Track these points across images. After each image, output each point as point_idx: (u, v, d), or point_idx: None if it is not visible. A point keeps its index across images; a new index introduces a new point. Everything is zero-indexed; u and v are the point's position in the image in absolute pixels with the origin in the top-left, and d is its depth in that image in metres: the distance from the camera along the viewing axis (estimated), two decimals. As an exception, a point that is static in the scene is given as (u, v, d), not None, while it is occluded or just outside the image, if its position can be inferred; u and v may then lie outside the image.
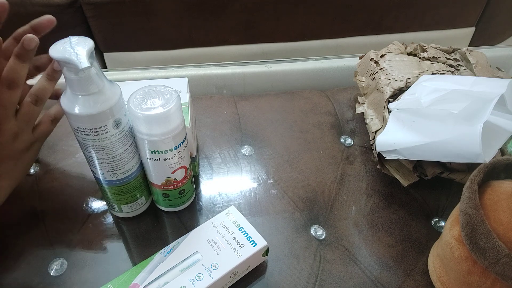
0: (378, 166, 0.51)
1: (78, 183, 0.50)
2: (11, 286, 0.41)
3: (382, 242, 0.45)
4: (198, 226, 0.42)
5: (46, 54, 0.33)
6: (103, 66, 1.22)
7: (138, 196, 0.44)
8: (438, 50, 0.59)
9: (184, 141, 0.41)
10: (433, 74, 0.53)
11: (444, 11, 1.23)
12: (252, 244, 0.41)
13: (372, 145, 0.52)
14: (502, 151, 0.47)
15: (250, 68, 0.67)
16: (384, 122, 0.50)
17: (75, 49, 0.33)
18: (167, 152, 0.40)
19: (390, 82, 0.53)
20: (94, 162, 0.40)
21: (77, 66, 0.32)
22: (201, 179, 0.51)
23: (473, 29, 1.32)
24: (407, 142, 0.45)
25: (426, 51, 0.58)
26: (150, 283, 0.38)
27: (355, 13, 1.18)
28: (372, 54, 0.59)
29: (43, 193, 0.49)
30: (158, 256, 0.40)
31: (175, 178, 0.43)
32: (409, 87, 0.51)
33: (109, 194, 0.43)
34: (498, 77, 0.55)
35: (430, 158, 0.44)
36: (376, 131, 0.52)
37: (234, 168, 0.53)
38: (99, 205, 0.48)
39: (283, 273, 0.42)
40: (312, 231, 0.46)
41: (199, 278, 0.38)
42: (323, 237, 0.46)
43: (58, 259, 0.43)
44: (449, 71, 0.54)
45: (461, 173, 0.47)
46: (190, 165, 0.44)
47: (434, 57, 0.57)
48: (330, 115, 0.61)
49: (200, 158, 0.54)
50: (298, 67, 0.68)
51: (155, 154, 0.40)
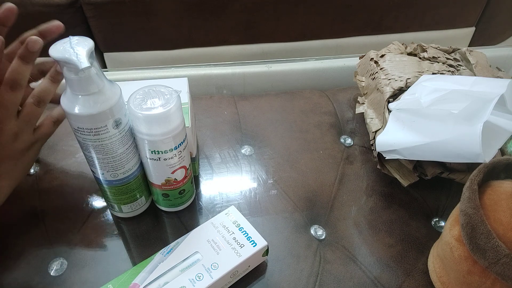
0: (378, 166, 0.51)
1: (78, 183, 0.50)
2: (11, 286, 0.41)
3: (382, 242, 0.45)
4: (198, 226, 0.42)
5: (52, 59, 0.33)
6: (103, 66, 1.22)
7: (138, 196, 0.44)
8: (438, 50, 0.59)
9: (184, 141, 0.41)
10: (433, 74, 0.53)
11: (444, 11, 1.23)
12: (252, 244, 0.41)
13: (372, 145, 0.52)
14: (502, 151, 0.47)
15: (250, 68, 0.67)
16: (384, 122, 0.50)
17: (75, 49, 0.33)
18: (167, 152, 0.40)
19: (390, 82, 0.53)
20: (94, 162, 0.40)
21: (77, 66, 0.32)
22: (201, 179, 0.51)
23: (473, 29, 1.32)
24: (407, 142, 0.45)
25: (426, 51, 0.58)
26: (150, 283, 0.38)
27: (355, 13, 1.18)
28: (372, 54, 0.59)
29: (43, 193, 0.49)
30: (158, 256, 0.40)
31: (175, 178, 0.43)
32: (409, 87, 0.51)
33: (109, 194, 0.43)
34: (498, 77, 0.55)
35: (430, 158, 0.44)
36: (376, 131, 0.52)
37: (234, 168, 0.53)
38: (99, 205, 0.48)
39: (283, 273, 0.42)
40: (312, 231, 0.46)
41: (199, 278, 0.38)
42: (323, 237, 0.46)
43: (58, 259, 0.43)
44: (449, 71, 0.54)
45: (461, 173, 0.47)
46: (190, 165, 0.44)
47: (434, 57, 0.57)
48: (330, 115, 0.61)
49: (200, 158, 0.54)
50: (298, 67, 0.68)
51: (155, 154, 0.40)
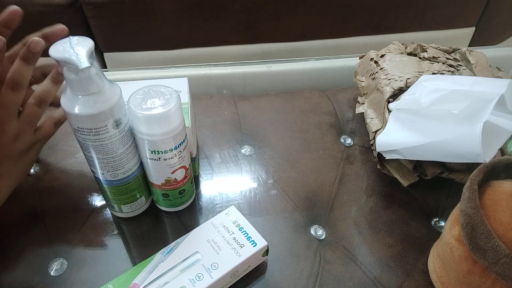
0: (378, 166, 0.51)
1: (78, 183, 0.50)
2: (11, 286, 0.41)
3: (382, 242, 0.45)
4: (198, 226, 0.42)
5: (54, 61, 0.33)
6: (103, 66, 1.22)
7: (138, 196, 0.45)
8: (438, 50, 0.59)
9: (184, 141, 0.41)
10: (433, 74, 0.53)
11: (444, 11, 1.23)
12: (252, 244, 0.41)
13: (372, 145, 0.52)
14: (502, 151, 0.47)
15: (250, 68, 0.67)
16: (384, 122, 0.50)
17: (75, 49, 0.33)
18: (167, 152, 0.40)
19: (390, 82, 0.53)
20: (94, 162, 0.40)
21: (77, 66, 0.32)
22: (201, 179, 0.51)
23: (473, 29, 1.32)
24: (407, 142, 0.45)
25: (426, 51, 0.58)
26: (150, 283, 0.38)
27: (355, 13, 1.18)
28: (372, 54, 0.59)
29: (43, 193, 0.49)
30: (158, 256, 0.40)
31: (175, 178, 0.43)
32: (409, 87, 0.51)
33: (109, 194, 0.43)
34: (498, 77, 0.55)
35: (430, 158, 0.44)
36: (376, 131, 0.52)
37: (234, 168, 0.53)
38: (99, 205, 0.48)
39: (283, 273, 0.42)
40: (312, 231, 0.46)
41: (199, 278, 0.38)
42: (323, 237, 0.46)
43: (58, 259, 0.43)
44: (449, 71, 0.54)
45: (461, 173, 0.47)
46: (190, 165, 0.44)
47: (434, 57, 0.57)
48: (330, 115, 0.61)
49: (200, 158, 0.54)
50: (298, 67, 0.68)
51: (155, 154, 0.40)
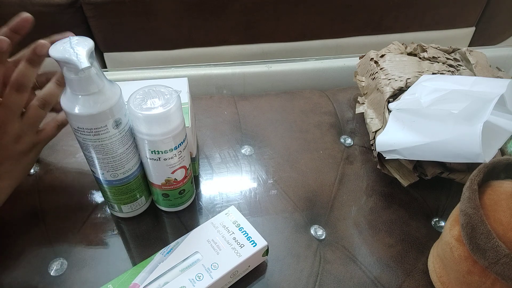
0: (378, 166, 0.51)
1: (78, 183, 0.50)
2: (11, 286, 0.41)
3: (382, 242, 0.45)
4: (198, 226, 0.42)
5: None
6: (103, 66, 1.22)
7: (138, 196, 0.44)
8: (438, 50, 0.59)
9: (184, 141, 0.41)
10: (433, 74, 0.53)
11: (444, 11, 1.23)
12: (252, 244, 0.41)
13: (372, 145, 0.52)
14: (502, 151, 0.47)
15: (250, 68, 0.67)
16: (384, 122, 0.50)
17: (75, 49, 0.33)
18: (167, 152, 0.40)
19: (390, 82, 0.53)
20: (94, 162, 0.40)
21: (77, 66, 0.32)
22: (201, 179, 0.51)
23: (473, 29, 1.32)
24: (407, 142, 0.45)
25: (426, 51, 0.58)
26: (150, 283, 0.38)
27: (355, 13, 1.18)
28: (372, 54, 0.59)
29: (43, 192, 0.49)
30: (158, 256, 0.40)
31: (175, 178, 0.43)
32: (409, 87, 0.51)
33: (109, 194, 0.43)
34: (498, 77, 0.55)
35: (430, 158, 0.44)
36: (376, 131, 0.52)
37: (234, 168, 0.53)
38: (99, 205, 0.48)
39: (283, 273, 0.42)
40: (312, 231, 0.46)
41: (199, 278, 0.38)
42: (323, 237, 0.46)
43: (58, 259, 0.43)
44: (449, 71, 0.54)
45: (461, 173, 0.47)
46: (190, 165, 0.44)
47: (434, 57, 0.57)
48: (330, 115, 0.61)
49: (200, 158, 0.54)
50: (298, 67, 0.68)
51: (155, 154, 0.40)
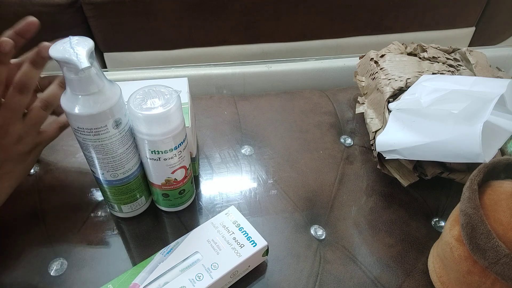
0: (378, 166, 0.51)
1: (78, 183, 0.50)
2: (11, 286, 0.41)
3: (382, 242, 0.45)
4: (198, 226, 0.42)
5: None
6: (103, 66, 1.22)
7: (138, 196, 0.44)
8: (438, 50, 0.59)
9: (184, 141, 0.41)
10: (433, 74, 0.53)
11: (444, 11, 1.23)
12: (252, 244, 0.41)
13: (372, 145, 0.52)
14: (502, 151, 0.47)
15: (250, 68, 0.67)
16: (384, 122, 0.50)
17: (75, 49, 0.33)
18: (167, 152, 0.40)
19: (390, 82, 0.53)
20: (94, 162, 0.40)
21: (77, 66, 0.32)
22: (201, 179, 0.51)
23: (473, 29, 1.32)
24: (407, 142, 0.45)
25: (426, 51, 0.58)
26: (150, 283, 0.38)
27: (355, 13, 1.18)
28: (372, 54, 0.59)
29: (43, 192, 0.49)
30: (158, 256, 0.40)
31: (175, 178, 0.43)
32: (409, 87, 0.51)
33: (109, 194, 0.43)
34: (498, 77, 0.55)
35: (430, 158, 0.44)
36: (376, 131, 0.52)
37: (234, 168, 0.53)
38: (99, 205, 0.48)
39: (283, 273, 0.42)
40: (312, 231, 0.46)
41: (199, 278, 0.38)
42: (323, 237, 0.46)
43: (58, 259, 0.43)
44: (449, 71, 0.54)
45: (461, 173, 0.47)
46: (190, 165, 0.44)
47: (434, 57, 0.57)
48: (330, 115, 0.61)
49: (200, 158, 0.54)
50: (298, 67, 0.68)
51: (155, 154, 0.40)
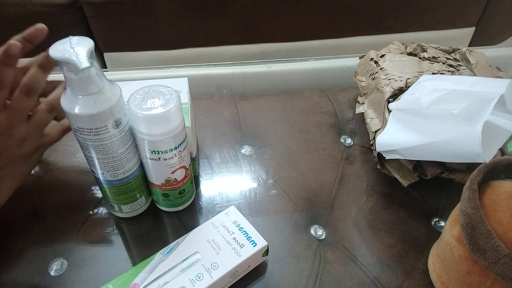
0: (378, 166, 0.51)
1: (78, 183, 0.50)
2: (11, 286, 0.41)
3: (382, 242, 0.45)
4: (198, 226, 0.42)
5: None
6: (103, 66, 1.22)
7: (138, 196, 0.44)
8: (438, 50, 0.59)
9: (184, 141, 0.41)
10: (433, 74, 0.53)
11: (444, 11, 1.23)
12: (252, 244, 0.41)
13: (372, 145, 0.52)
14: (502, 151, 0.47)
15: (250, 68, 0.67)
16: (384, 122, 0.50)
17: (75, 49, 0.33)
18: (167, 152, 0.40)
19: (390, 82, 0.53)
20: (94, 162, 0.40)
21: (77, 66, 0.32)
22: (201, 179, 0.51)
23: (473, 29, 1.32)
24: (407, 142, 0.45)
25: (426, 51, 0.58)
26: (150, 283, 0.38)
27: (355, 13, 1.18)
28: (372, 54, 0.59)
29: (44, 192, 0.49)
30: (158, 256, 0.40)
31: (175, 178, 0.43)
32: (409, 87, 0.51)
33: (109, 194, 0.43)
34: (498, 77, 0.55)
35: (430, 158, 0.44)
36: (376, 131, 0.52)
37: (234, 168, 0.53)
38: (99, 205, 0.48)
39: (283, 273, 0.42)
40: (312, 231, 0.46)
41: (199, 278, 0.38)
42: (323, 237, 0.46)
43: (58, 259, 0.43)
44: (449, 71, 0.54)
45: (461, 173, 0.47)
46: (190, 165, 0.44)
47: (434, 57, 0.57)
48: (330, 115, 0.61)
49: (200, 158, 0.54)
50: (298, 67, 0.68)
51: (155, 154, 0.40)
